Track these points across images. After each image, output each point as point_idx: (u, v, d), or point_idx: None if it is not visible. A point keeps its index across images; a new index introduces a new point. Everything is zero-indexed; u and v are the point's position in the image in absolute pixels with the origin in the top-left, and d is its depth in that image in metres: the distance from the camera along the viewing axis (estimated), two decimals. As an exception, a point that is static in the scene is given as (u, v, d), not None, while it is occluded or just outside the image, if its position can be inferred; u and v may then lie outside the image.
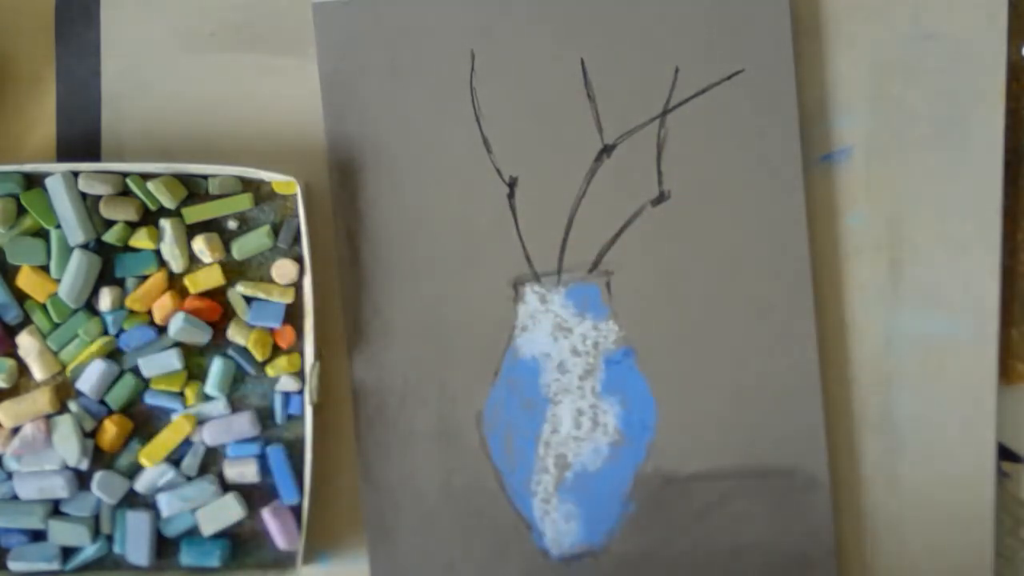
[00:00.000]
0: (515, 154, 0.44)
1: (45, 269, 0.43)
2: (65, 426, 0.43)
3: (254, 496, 0.44)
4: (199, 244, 0.43)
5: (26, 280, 0.43)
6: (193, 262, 0.44)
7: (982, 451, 0.44)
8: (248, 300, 0.43)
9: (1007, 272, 0.44)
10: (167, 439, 0.43)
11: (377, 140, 0.44)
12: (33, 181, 0.43)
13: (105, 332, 0.44)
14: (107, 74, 0.45)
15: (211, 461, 0.44)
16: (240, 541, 0.44)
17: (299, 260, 0.43)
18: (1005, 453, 0.45)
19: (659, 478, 0.44)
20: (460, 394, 0.44)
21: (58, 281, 0.43)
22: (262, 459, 0.44)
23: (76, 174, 0.43)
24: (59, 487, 0.43)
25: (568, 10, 0.43)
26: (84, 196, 0.43)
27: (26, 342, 0.43)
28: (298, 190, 0.42)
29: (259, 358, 0.43)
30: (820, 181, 0.44)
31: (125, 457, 0.44)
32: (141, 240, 0.43)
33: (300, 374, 0.44)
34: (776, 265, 0.43)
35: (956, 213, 0.44)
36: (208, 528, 0.43)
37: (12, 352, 0.44)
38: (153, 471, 0.44)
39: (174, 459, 0.44)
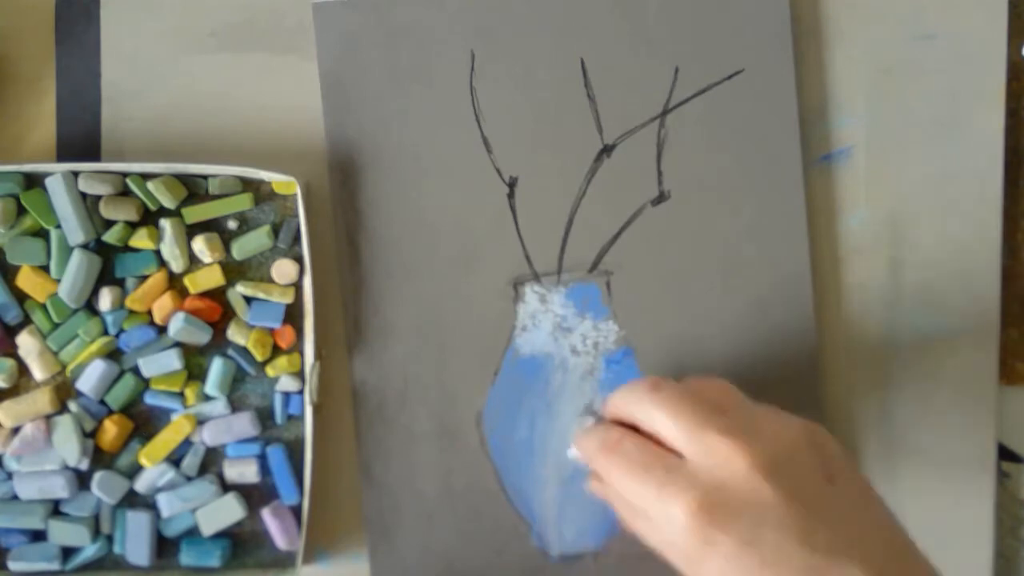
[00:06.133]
0: (515, 154, 0.44)
1: (45, 269, 0.43)
2: (65, 426, 0.43)
3: (254, 496, 0.44)
4: (199, 244, 0.43)
5: (26, 280, 0.43)
6: (193, 262, 0.44)
7: (982, 451, 0.44)
8: (248, 300, 0.43)
9: (1007, 272, 0.44)
10: (167, 439, 0.43)
11: (377, 140, 0.44)
12: (33, 181, 0.43)
13: (105, 332, 0.43)
14: (107, 74, 0.45)
15: (211, 461, 0.44)
16: (240, 541, 0.44)
17: (299, 260, 0.43)
18: (1005, 453, 0.45)
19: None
20: (460, 394, 0.44)
21: (58, 281, 0.43)
22: (262, 459, 0.44)
23: (76, 174, 0.43)
24: (59, 487, 0.43)
25: (568, 10, 0.43)
26: (84, 196, 0.43)
27: (26, 342, 0.43)
28: (298, 190, 0.42)
29: (259, 358, 0.43)
30: (820, 181, 0.44)
31: (125, 457, 0.44)
32: (141, 240, 0.43)
33: (300, 374, 0.44)
34: (776, 265, 0.43)
35: (956, 213, 0.44)
36: (208, 528, 0.43)
37: (12, 352, 0.44)
38: (153, 471, 0.44)
39: (174, 459, 0.44)
